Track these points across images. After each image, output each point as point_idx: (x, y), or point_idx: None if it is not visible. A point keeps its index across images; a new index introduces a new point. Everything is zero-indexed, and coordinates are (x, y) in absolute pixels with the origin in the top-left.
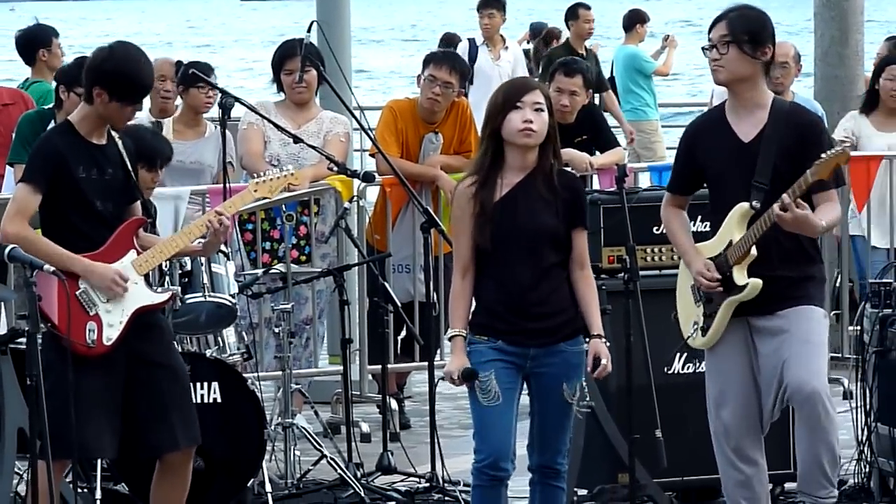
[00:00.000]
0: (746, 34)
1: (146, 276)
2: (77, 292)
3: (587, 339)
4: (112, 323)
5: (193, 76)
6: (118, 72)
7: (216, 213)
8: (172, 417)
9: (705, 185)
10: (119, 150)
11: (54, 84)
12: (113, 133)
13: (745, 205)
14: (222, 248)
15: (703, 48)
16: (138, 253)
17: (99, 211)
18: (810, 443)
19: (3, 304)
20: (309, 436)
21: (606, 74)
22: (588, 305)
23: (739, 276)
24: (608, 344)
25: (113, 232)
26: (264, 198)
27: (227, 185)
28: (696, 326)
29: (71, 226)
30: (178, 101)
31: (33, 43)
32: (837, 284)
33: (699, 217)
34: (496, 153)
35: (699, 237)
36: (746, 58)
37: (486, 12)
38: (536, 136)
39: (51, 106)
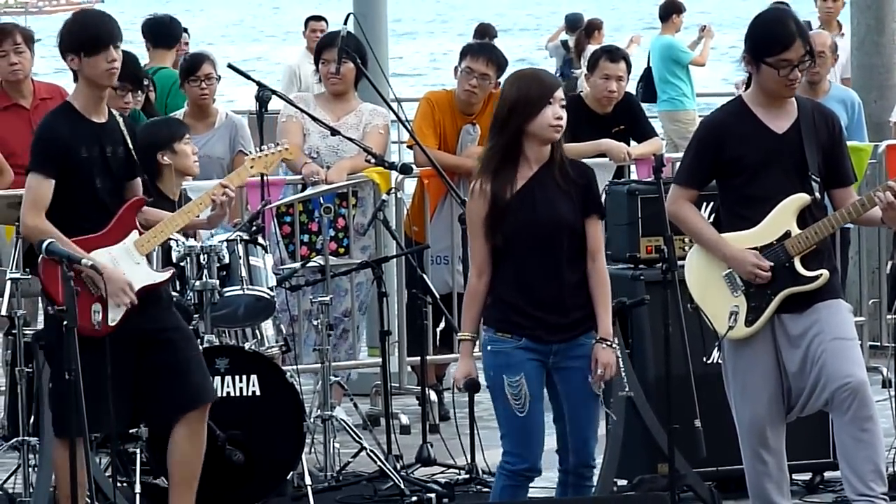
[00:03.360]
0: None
1: (148, 256)
2: (83, 274)
3: (593, 342)
4: (117, 303)
5: (187, 71)
6: (72, 27)
7: (221, 185)
8: (193, 377)
9: (727, 176)
10: (119, 126)
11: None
12: (114, 112)
13: (806, 196)
14: (260, 240)
15: (786, 68)
16: (140, 233)
17: (99, 189)
18: (862, 440)
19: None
20: (348, 428)
21: (643, 65)
22: (598, 304)
23: (803, 266)
24: (615, 346)
25: (112, 211)
26: (261, 174)
27: (266, 177)
28: (734, 317)
29: (73, 206)
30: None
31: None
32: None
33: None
34: (511, 147)
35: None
36: None
37: None
38: (562, 130)
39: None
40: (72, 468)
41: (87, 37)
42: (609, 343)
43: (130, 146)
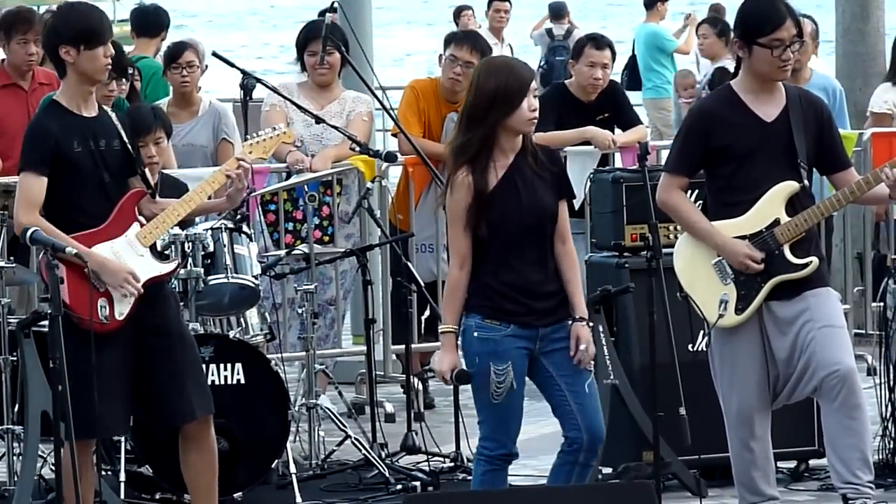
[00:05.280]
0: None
1: (152, 247)
2: (86, 270)
3: (570, 322)
4: (122, 297)
5: (169, 58)
6: (68, 21)
7: (236, 157)
8: (188, 387)
9: (715, 165)
10: (112, 121)
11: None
12: (104, 107)
13: (794, 184)
14: (245, 228)
15: (779, 47)
16: (141, 225)
17: (97, 183)
18: (849, 427)
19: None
20: (333, 416)
21: (628, 53)
22: (572, 285)
23: (792, 254)
24: (591, 325)
25: (114, 204)
26: (260, 159)
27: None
28: (724, 305)
29: (73, 202)
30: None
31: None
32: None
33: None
34: (487, 139)
35: None
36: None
37: None
38: (536, 121)
39: None
40: (60, 466)
41: (88, 28)
42: (587, 321)
43: (126, 140)
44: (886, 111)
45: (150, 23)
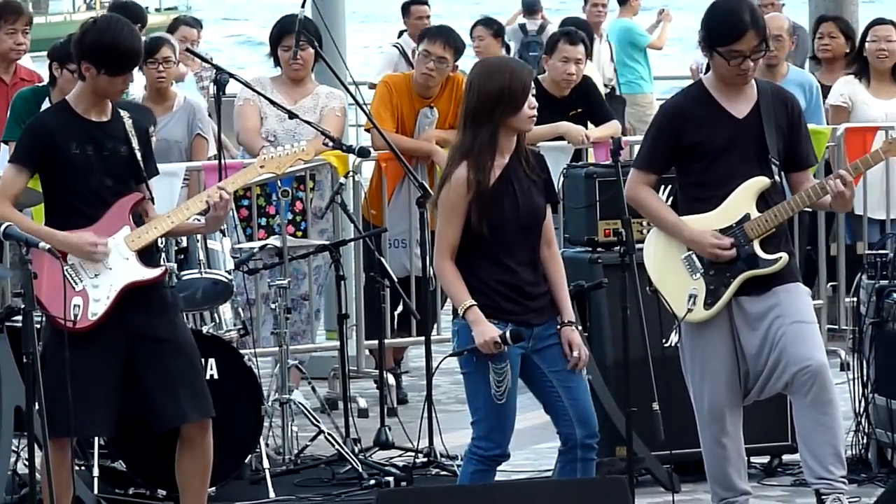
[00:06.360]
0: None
1: (141, 252)
2: (64, 268)
3: (559, 326)
4: (98, 298)
5: (146, 53)
6: (99, 43)
7: (217, 187)
8: (179, 391)
9: (686, 161)
10: (125, 127)
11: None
12: (122, 112)
13: (765, 179)
14: None
15: (735, 57)
16: (132, 229)
17: (95, 187)
18: (822, 423)
19: None
20: (306, 411)
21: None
22: (559, 289)
23: (761, 250)
24: (579, 328)
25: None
26: (271, 174)
27: (223, 160)
28: (693, 299)
29: (69, 203)
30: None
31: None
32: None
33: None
34: (491, 138)
35: None
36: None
37: None
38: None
39: (45, 83)
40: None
41: (118, 58)
42: (575, 325)
43: (135, 147)
44: (842, 104)
45: (128, 17)
